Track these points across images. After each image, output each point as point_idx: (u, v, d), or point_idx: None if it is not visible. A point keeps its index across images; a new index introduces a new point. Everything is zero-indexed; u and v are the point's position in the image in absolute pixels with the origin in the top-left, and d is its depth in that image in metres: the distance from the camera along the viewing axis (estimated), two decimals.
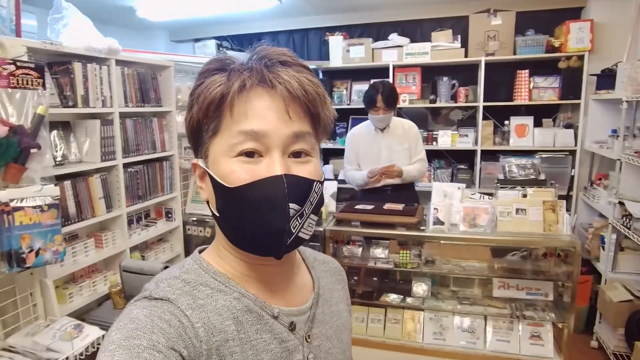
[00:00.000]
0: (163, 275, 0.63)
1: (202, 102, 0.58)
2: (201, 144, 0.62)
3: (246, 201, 0.57)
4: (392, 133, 2.94)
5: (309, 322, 0.68)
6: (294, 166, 0.59)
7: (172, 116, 2.71)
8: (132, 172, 2.42)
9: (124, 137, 2.33)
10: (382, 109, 2.78)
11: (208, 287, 0.61)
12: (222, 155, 0.59)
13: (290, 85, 0.57)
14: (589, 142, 3.56)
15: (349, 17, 4.38)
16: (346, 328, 0.77)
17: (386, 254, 2.67)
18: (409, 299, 2.63)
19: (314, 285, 0.73)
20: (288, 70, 0.59)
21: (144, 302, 0.57)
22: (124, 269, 2.05)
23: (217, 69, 0.60)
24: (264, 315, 0.62)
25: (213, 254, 0.66)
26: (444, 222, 2.40)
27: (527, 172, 2.51)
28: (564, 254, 2.33)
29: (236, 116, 0.57)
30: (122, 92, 2.29)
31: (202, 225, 2.90)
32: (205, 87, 0.58)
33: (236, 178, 0.57)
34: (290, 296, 0.68)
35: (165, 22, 4.61)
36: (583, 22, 3.54)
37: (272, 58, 0.59)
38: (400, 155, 2.91)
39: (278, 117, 0.58)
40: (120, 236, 2.38)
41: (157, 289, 0.59)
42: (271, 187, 0.56)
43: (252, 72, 0.57)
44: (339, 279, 0.82)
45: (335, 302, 0.76)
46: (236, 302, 0.61)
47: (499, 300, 2.54)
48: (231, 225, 0.61)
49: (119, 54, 2.16)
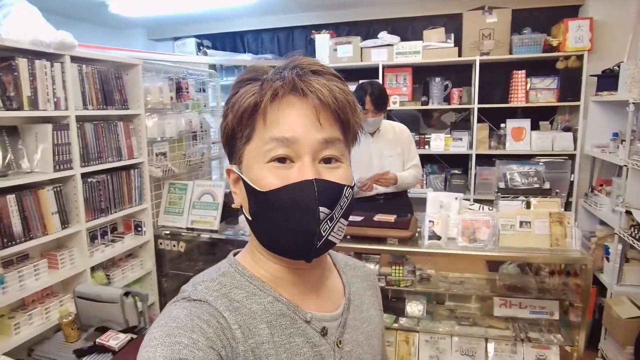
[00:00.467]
0: (200, 277, 0.64)
1: (237, 110, 0.61)
2: (235, 151, 0.64)
3: (278, 204, 0.59)
4: (382, 137, 2.73)
5: (340, 327, 0.69)
6: (324, 171, 0.61)
7: (140, 120, 2.45)
8: (93, 182, 2.16)
9: (83, 143, 2.07)
10: (371, 111, 2.55)
11: (243, 291, 0.63)
12: (255, 161, 0.61)
13: (321, 93, 0.59)
14: (589, 146, 3.38)
15: (336, 14, 4.17)
16: (377, 334, 0.78)
17: (376, 270, 2.44)
18: (402, 320, 2.40)
19: (345, 290, 0.74)
20: (319, 79, 0.60)
21: (184, 302, 0.59)
22: (78, 295, 1.79)
23: (250, 79, 0.62)
24: (296, 320, 0.63)
25: (248, 258, 0.68)
26: (440, 236, 2.18)
27: (531, 180, 2.30)
28: (574, 272, 2.13)
29: (269, 123, 0.59)
30: (79, 93, 2.03)
31: (176, 239, 2.65)
32: (240, 96, 0.61)
33: (268, 183, 0.59)
34: (322, 301, 0.69)
35: (142, 19, 4.35)
36: (582, 20, 3.37)
37: (303, 67, 0.61)
38: (392, 161, 2.71)
39: (309, 124, 0.59)
40: (79, 255, 2.12)
41: (195, 290, 0.61)
42: (302, 190, 0.58)
43: (284, 81, 0.59)
44: (370, 284, 0.83)
45: (366, 308, 0.77)
46: (270, 306, 0.62)
47: (500, 319, 2.33)
48: (263, 229, 0.63)
49: (74, 50, 1.90)
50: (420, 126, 4.13)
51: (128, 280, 2.45)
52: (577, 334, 2.13)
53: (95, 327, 1.81)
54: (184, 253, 2.70)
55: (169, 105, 2.74)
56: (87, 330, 1.82)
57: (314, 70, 0.61)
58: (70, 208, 2.06)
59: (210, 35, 4.64)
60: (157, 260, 2.68)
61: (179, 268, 2.79)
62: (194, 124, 2.94)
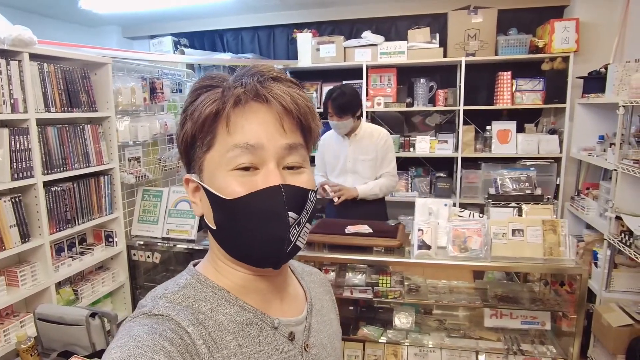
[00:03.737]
0: (160, 290, 0.62)
1: (197, 117, 0.59)
2: (194, 159, 0.62)
3: (246, 212, 0.58)
4: (359, 141, 2.65)
5: (306, 331, 0.69)
6: (289, 177, 0.60)
7: (110, 122, 2.29)
8: (58, 191, 1.99)
9: (45, 149, 1.90)
10: (335, 115, 2.52)
11: (208, 302, 0.61)
12: (217, 169, 0.59)
13: (284, 99, 0.59)
14: (575, 149, 3.34)
15: (319, 13, 4.05)
16: (337, 336, 0.79)
17: (363, 280, 2.33)
18: (390, 332, 2.30)
19: (307, 295, 0.75)
20: (280, 85, 0.60)
21: (144, 318, 0.56)
22: (39, 317, 1.63)
23: (209, 86, 0.61)
24: (264, 327, 0.63)
25: (209, 268, 0.66)
26: (430, 245, 2.08)
27: (522, 185, 2.22)
28: (568, 282, 2.06)
29: (232, 130, 0.59)
30: (40, 94, 1.86)
31: (150, 249, 2.49)
32: (200, 103, 0.59)
33: (234, 190, 0.58)
34: (286, 306, 0.69)
35: (116, 15, 4.15)
36: (568, 21, 3.32)
37: (263, 74, 0.61)
38: (365, 166, 2.64)
39: (273, 130, 0.59)
40: (43, 270, 1.95)
41: (156, 305, 0.58)
42: (270, 196, 0.58)
43: (246, 88, 0.59)
44: (326, 289, 0.84)
45: (326, 312, 0.78)
46: (236, 316, 0.61)
47: (491, 330, 2.25)
48: (230, 237, 0.61)
49: (33, 46, 1.73)
50: (405, 128, 4.05)
51: (98, 295, 2.29)
52: (570, 345, 2.07)
53: (58, 351, 1.65)
54: (159, 264, 2.54)
55: (142, 107, 2.58)
56: (49, 355, 1.65)
57: (273, 77, 0.61)
58: (32, 220, 1.88)
59: (188, 34, 4.47)
60: (130, 272, 2.51)
61: (154, 280, 2.63)
62: (169, 127, 2.78)
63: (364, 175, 2.65)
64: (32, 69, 1.80)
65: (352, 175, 2.68)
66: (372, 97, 3.76)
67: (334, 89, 2.57)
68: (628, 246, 2.37)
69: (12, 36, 1.61)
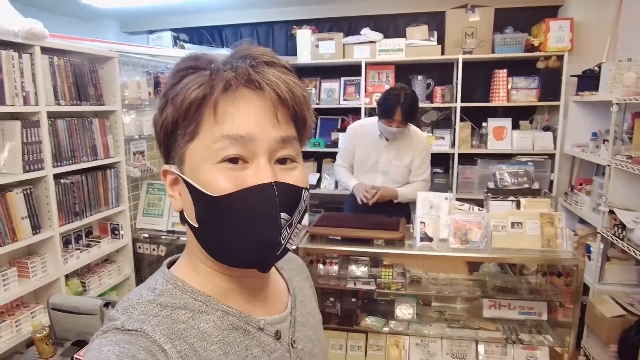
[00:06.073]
0: (133, 299, 0.55)
1: (181, 103, 0.53)
2: (174, 148, 0.56)
3: (234, 211, 0.53)
4: (397, 144, 2.52)
5: (291, 327, 0.66)
6: (280, 173, 0.55)
7: (117, 116, 2.31)
8: (67, 183, 2.01)
9: (55, 142, 1.92)
10: (398, 122, 2.36)
11: (187, 310, 0.55)
12: (202, 161, 0.54)
13: (279, 87, 0.54)
14: (569, 146, 3.42)
15: (318, 9, 4.09)
16: (320, 325, 0.76)
17: (366, 272, 2.39)
18: (392, 323, 2.36)
19: (289, 287, 0.72)
20: (274, 71, 0.55)
21: (116, 334, 0.50)
22: (53, 307, 1.66)
23: (194, 67, 0.54)
24: (250, 330, 0.59)
25: (187, 269, 0.60)
26: (432, 238, 2.14)
27: (520, 180, 2.29)
28: (565, 273, 2.13)
29: (220, 119, 0.53)
30: (51, 88, 1.88)
31: (155, 242, 2.52)
32: (184, 87, 0.53)
33: (220, 186, 0.52)
34: (269, 303, 0.65)
35: (115, 10, 4.15)
36: (563, 20, 3.40)
37: (255, 57, 0.55)
38: (397, 171, 2.55)
39: (266, 121, 0.54)
40: (53, 262, 1.97)
41: (129, 318, 0.52)
42: (261, 195, 0.53)
43: (237, 72, 0.53)
44: (305, 276, 0.80)
45: (308, 301, 0.75)
46: (220, 322, 0.57)
47: (490, 321, 2.32)
48: (213, 237, 0.55)
49: (44, 40, 1.75)
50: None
51: (105, 288, 2.31)
52: (567, 334, 2.14)
53: (72, 341, 1.68)
54: (164, 257, 2.57)
55: (147, 101, 2.60)
56: (63, 344, 1.68)
57: (267, 61, 0.55)
58: (42, 212, 1.91)
59: (187, 29, 4.48)
60: (135, 264, 2.54)
61: None
62: None
63: (395, 178, 2.57)
64: (42, 63, 1.81)
65: (383, 175, 2.58)
66: (370, 94, 3.81)
67: (397, 93, 2.33)
68: (621, 239, 2.45)
69: (24, 29, 1.63)
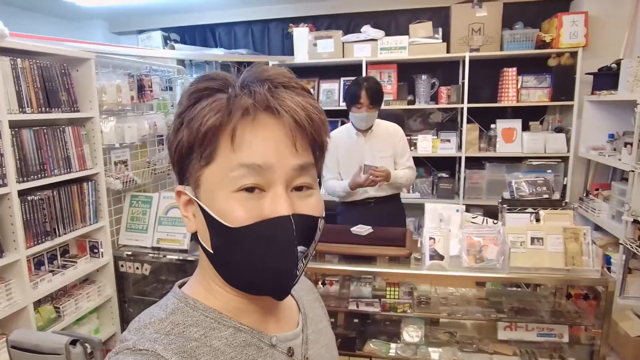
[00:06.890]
0: (145, 319, 0.55)
1: (198, 128, 0.52)
2: (190, 171, 0.56)
3: (251, 243, 0.53)
4: (375, 137, 2.55)
5: (304, 344, 0.66)
6: (297, 201, 0.55)
7: (94, 124, 2.10)
8: (35, 200, 1.81)
9: (20, 154, 1.72)
10: (366, 106, 2.41)
11: (200, 327, 0.56)
12: (218, 189, 0.53)
13: (297, 114, 0.53)
14: (583, 148, 3.22)
15: (316, 6, 3.88)
16: (333, 345, 0.75)
17: (370, 292, 2.18)
18: (398, 346, 2.15)
19: (299, 306, 0.71)
20: (292, 95, 0.54)
21: (128, 355, 0.50)
22: (12, 345, 1.45)
23: (209, 89, 0.53)
24: (262, 347, 0.59)
25: (199, 289, 0.60)
26: (443, 255, 1.94)
27: (540, 189, 2.07)
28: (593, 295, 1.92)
29: (237, 146, 0.52)
30: (14, 93, 1.67)
31: (139, 260, 2.31)
32: (200, 112, 0.52)
33: (238, 217, 0.52)
34: (281, 321, 0.65)
35: (102, 9, 3.95)
36: (577, 14, 3.18)
37: (273, 80, 0.53)
38: (383, 163, 2.51)
39: (284, 149, 0.53)
40: (19, 288, 1.76)
41: (141, 338, 0.52)
42: (278, 229, 0.52)
43: (255, 99, 0.52)
44: (315, 296, 0.80)
45: (319, 320, 0.74)
46: (232, 339, 0.57)
47: (506, 343, 2.11)
48: (229, 266, 0.56)
49: (4, 39, 1.54)
50: (406, 127, 3.89)
51: (83, 312, 2.11)
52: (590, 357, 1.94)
53: None
54: (149, 275, 2.36)
55: (129, 106, 2.39)
56: None
57: (284, 83, 0.54)
58: (6, 233, 1.70)
59: (178, 29, 4.29)
60: (117, 284, 2.33)
61: (143, 292, 2.45)
62: (159, 127, 2.59)
63: None
64: (3, 65, 1.60)
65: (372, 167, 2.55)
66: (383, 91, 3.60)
67: (359, 80, 2.48)
68: None
69: None
